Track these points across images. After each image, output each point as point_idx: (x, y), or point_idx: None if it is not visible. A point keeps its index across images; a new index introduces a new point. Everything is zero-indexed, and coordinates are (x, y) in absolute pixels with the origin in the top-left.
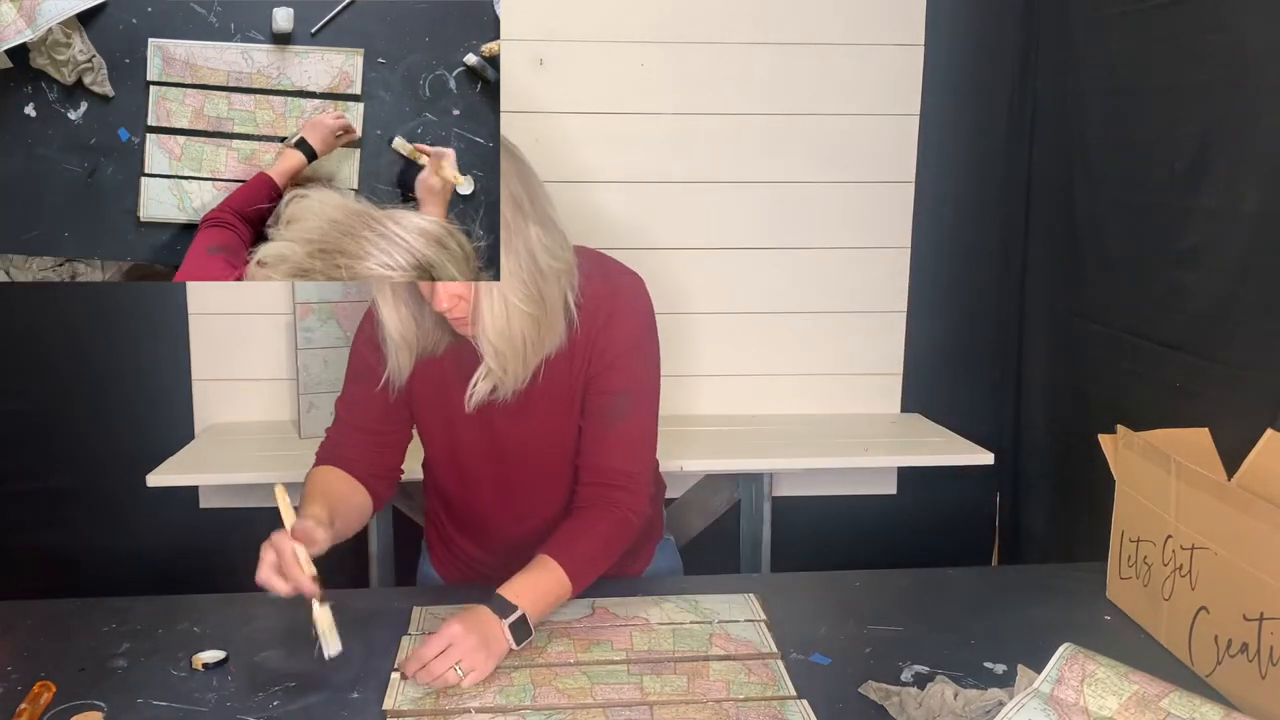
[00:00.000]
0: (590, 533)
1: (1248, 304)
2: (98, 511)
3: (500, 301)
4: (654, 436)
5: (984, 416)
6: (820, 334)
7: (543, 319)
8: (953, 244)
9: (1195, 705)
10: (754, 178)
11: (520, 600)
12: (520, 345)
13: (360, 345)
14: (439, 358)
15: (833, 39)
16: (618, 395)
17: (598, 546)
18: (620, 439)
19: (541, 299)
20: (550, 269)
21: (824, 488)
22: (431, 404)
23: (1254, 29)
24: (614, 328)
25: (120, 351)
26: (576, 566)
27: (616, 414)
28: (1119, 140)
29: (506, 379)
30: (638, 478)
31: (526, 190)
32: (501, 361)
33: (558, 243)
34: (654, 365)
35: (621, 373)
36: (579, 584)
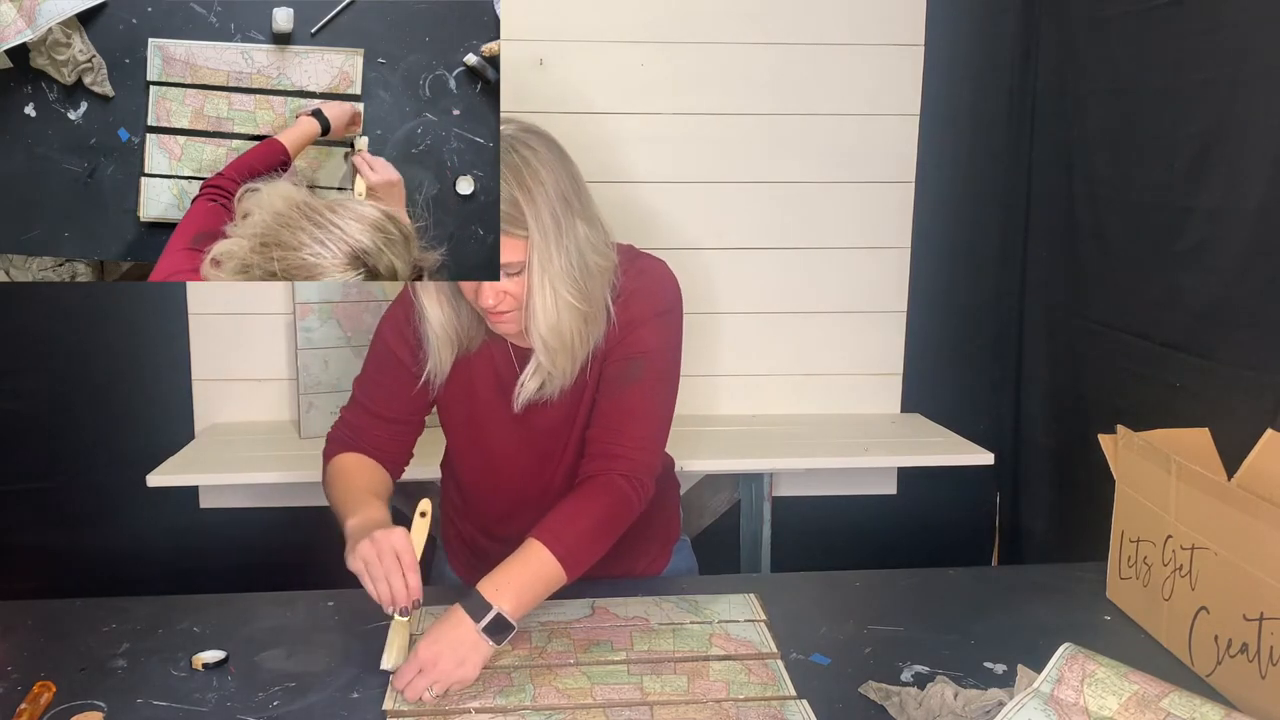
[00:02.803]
0: (585, 512)
1: (1248, 304)
2: (98, 511)
3: (552, 297)
4: (663, 411)
5: (984, 416)
6: (820, 334)
7: (590, 316)
8: (953, 244)
9: (1195, 705)
10: (754, 178)
11: (501, 595)
12: (570, 341)
13: (387, 332)
14: (469, 359)
15: (833, 39)
16: (630, 361)
17: (592, 526)
18: (625, 405)
19: (589, 295)
20: (597, 267)
21: (824, 488)
22: (458, 401)
23: (1254, 29)
24: (633, 303)
25: (120, 351)
26: (568, 551)
27: (627, 378)
28: (1119, 140)
29: (555, 375)
30: (640, 447)
31: (575, 188)
32: (552, 357)
33: (603, 240)
34: (670, 339)
35: (635, 339)
36: (573, 569)
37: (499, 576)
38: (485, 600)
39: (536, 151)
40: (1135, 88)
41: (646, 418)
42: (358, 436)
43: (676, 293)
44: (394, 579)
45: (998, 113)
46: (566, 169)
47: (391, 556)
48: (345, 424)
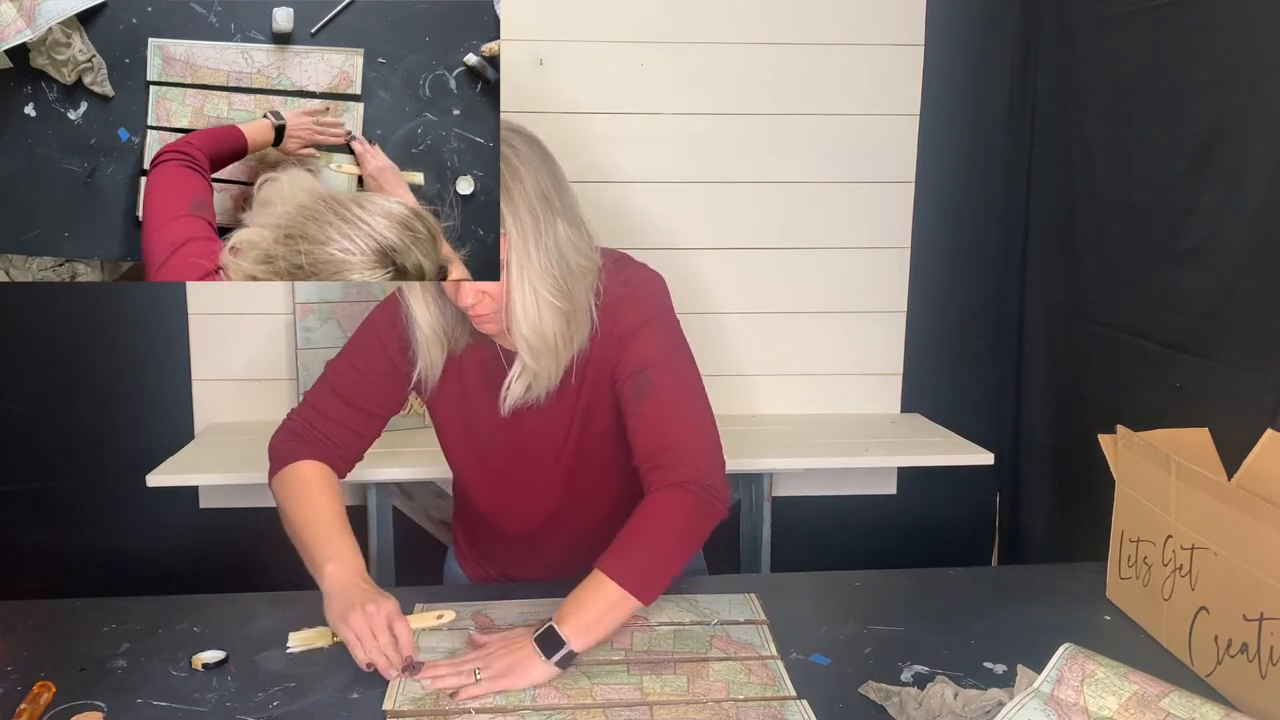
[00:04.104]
0: (648, 532)
1: (1248, 304)
2: (98, 511)
3: (532, 296)
4: (692, 409)
5: (984, 416)
6: (820, 334)
7: (572, 316)
8: (953, 244)
9: (1195, 705)
10: (754, 178)
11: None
12: (553, 341)
13: (379, 319)
14: (459, 361)
15: (833, 39)
16: (638, 375)
17: (657, 545)
18: (648, 417)
19: (571, 295)
20: (579, 267)
21: (824, 488)
22: (451, 403)
23: (1254, 29)
24: (624, 312)
25: (120, 351)
26: (638, 578)
27: (640, 395)
28: (1119, 140)
29: (541, 377)
30: (680, 449)
31: (556, 187)
32: (536, 358)
33: (586, 241)
34: (672, 337)
35: (631, 355)
36: (647, 594)
37: (567, 607)
38: (556, 634)
39: (517, 150)
40: (1135, 88)
41: (676, 422)
42: (314, 425)
43: (662, 297)
44: (390, 653)
45: (998, 113)
46: (548, 168)
47: (386, 634)
48: (306, 407)
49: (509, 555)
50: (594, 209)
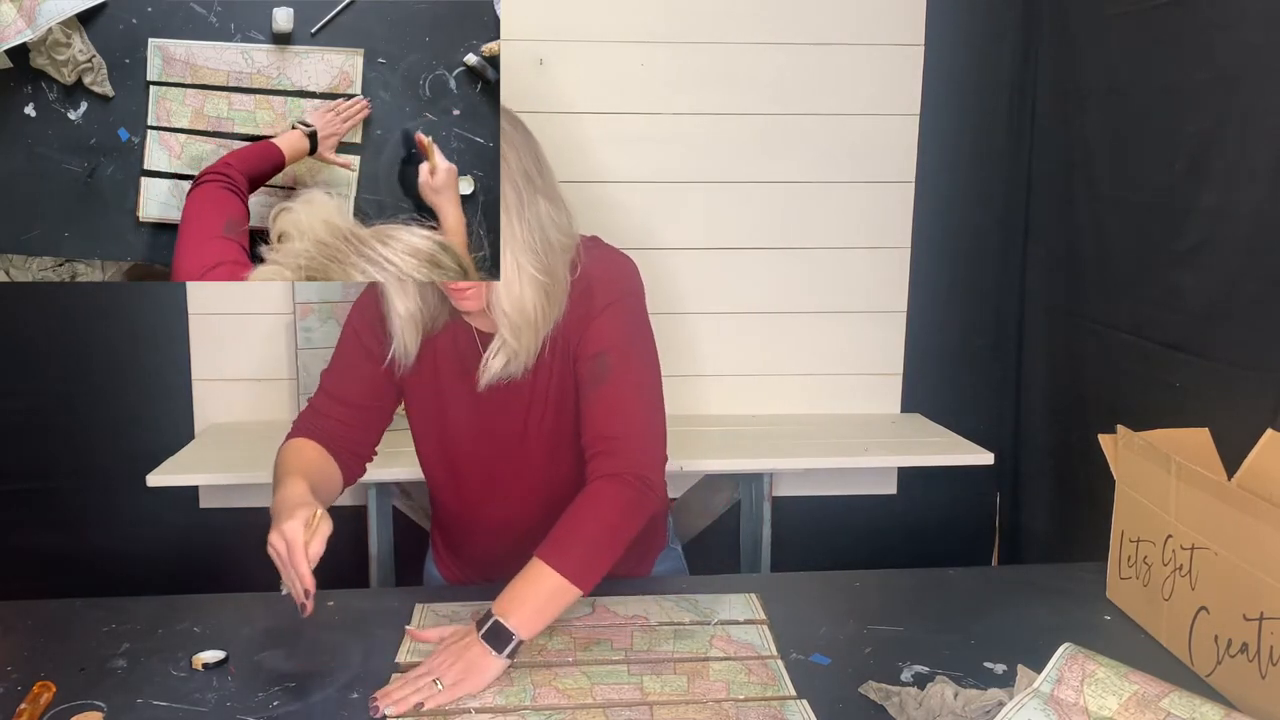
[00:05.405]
0: (586, 523)
1: (1248, 304)
2: (98, 511)
3: (514, 269)
4: (644, 399)
5: (984, 416)
6: (820, 334)
7: (551, 290)
8: (953, 244)
9: (1195, 705)
10: (754, 178)
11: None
12: (533, 315)
13: (355, 318)
14: (433, 341)
15: (833, 39)
16: (596, 359)
17: (596, 534)
18: (601, 402)
19: (550, 269)
20: (559, 243)
21: (824, 488)
22: (422, 383)
23: (1253, 29)
24: (586, 296)
25: (120, 351)
26: (576, 567)
27: (597, 378)
28: (1119, 140)
29: (520, 352)
30: (627, 440)
31: (537, 165)
32: (516, 333)
33: (565, 219)
34: (635, 322)
35: (592, 336)
36: (586, 582)
37: (508, 598)
38: (503, 627)
39: (501, 129)
40: (1135, 88)
41: (627, 412)
42: (315, 421)
43: (630, 280)
44: (295, 588)
45: (998, 113)
46: (530, 148)
47: (284, 546)
48: (308, 409)
49: (484, 555)
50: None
